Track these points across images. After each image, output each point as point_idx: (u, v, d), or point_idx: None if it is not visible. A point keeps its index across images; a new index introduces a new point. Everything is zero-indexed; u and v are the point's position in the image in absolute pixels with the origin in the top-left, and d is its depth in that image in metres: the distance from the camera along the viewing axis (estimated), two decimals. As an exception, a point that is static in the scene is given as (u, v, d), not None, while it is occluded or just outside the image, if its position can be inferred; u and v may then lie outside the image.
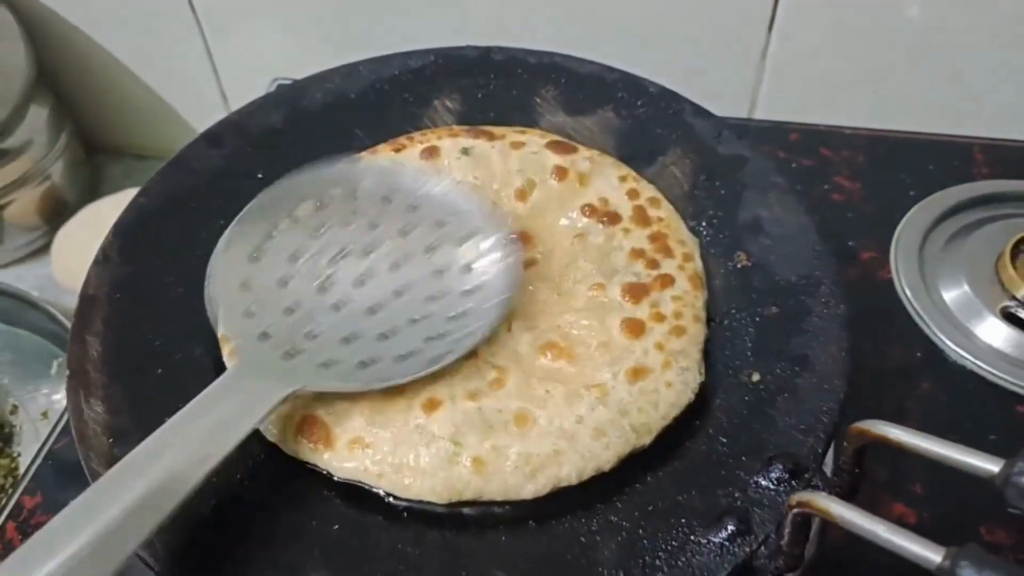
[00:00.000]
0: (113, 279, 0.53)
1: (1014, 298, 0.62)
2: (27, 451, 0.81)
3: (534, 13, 0.81)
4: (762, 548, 0.42)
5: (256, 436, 0.47)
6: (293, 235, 0.52)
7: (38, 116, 0.92)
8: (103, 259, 0.54)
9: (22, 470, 0.77)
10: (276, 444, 0.47)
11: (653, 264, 0.54)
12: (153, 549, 0.42)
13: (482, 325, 0.48)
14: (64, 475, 0.59)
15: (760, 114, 0.81)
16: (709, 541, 0.43)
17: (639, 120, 0.64)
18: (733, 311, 0.53)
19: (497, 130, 0.62)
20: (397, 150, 0.60)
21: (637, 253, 0.54)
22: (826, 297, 0.52)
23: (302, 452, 0.46)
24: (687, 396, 0.48)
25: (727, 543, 0.42)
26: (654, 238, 0.55)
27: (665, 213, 0.57)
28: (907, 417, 0.57)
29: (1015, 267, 0.62)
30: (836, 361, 0.49)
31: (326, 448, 0.45)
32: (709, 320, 0.53)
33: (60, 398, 0.83)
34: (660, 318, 0.51)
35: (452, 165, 0.58)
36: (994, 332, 0.62)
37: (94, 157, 1.05)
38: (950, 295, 0.63)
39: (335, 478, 0.46)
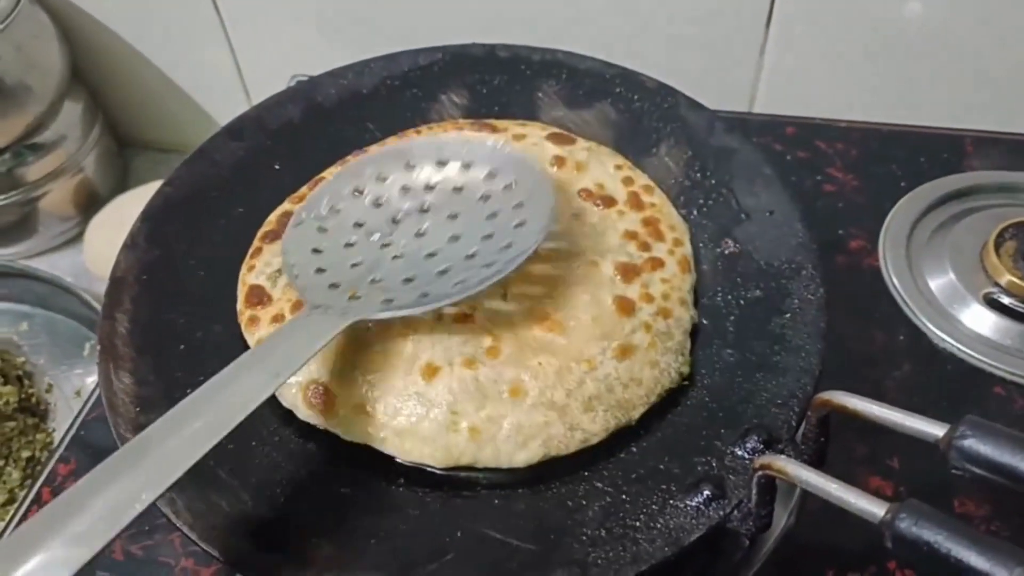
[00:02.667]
0: (140, 262, 0.57)
1: (997, 285, 0.64)
2: (61, 427, 0.85)
3: (539, 11, 0.84)
4: (735, 512, 0.45)
5: (271, 404, 0.51)
6: (356, 207, 0.56)
7: (72, 112, 0.96)
8: (131, 244, 0.57)
9: (56, 444, 0.82)
10: (290, 409, 0.51)
11: (645, 247, 0.56)
12: (175, 506, 0.46)
13: (526, 248, 0.51)
14: (95, 446, 0.64)
15: (759, 108, 0.83)
16: (686, 505, 0.46)
17: (636, 113, 0.66)
18: (719, 294, 0.56)
19: (499, 123, 0.65)
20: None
21: (630, 235, 0.57)
22: (807, 281, 0.54)
23: (312, 417, 0.49)
24: (670, 377, 0.51)
25: (703, 506, 0.45)
26: (647, 222, 0.58)
27: (658, 200, 0.60)
28: (885, 395, 0.59)
29: (999, 255, 0.64)
30: (812, 341, 0.51)
31: (333, 414, 0.49)
32: (696, 302, 0.56)
33: (92, 379, 0.88)
34: (649, 299, 0.53)
35: None
36: (977, 318, 0.64)
37: (124, 150, 1.09)
38: (935, 282, 0.65)
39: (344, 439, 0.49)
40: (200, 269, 0.58)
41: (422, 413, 0.48)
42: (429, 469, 0.49)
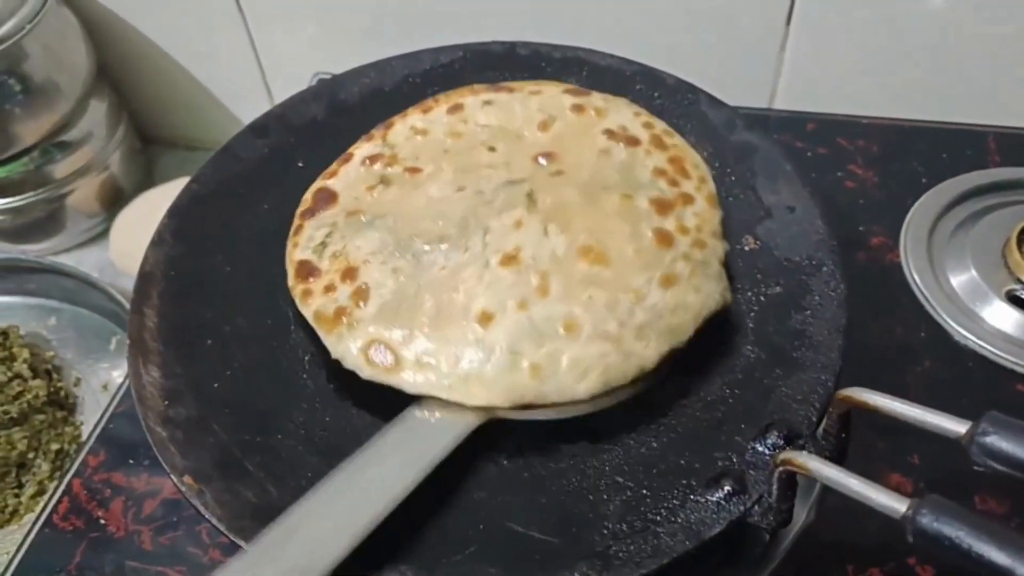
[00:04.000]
0: (167, 258, 0.58)
1: (1020, 281, 0.64)
2: (88, 420, 0.86)
3: (559, 9, 0.84)
4: (756, 507, 0.45)
5: (296, 396, 0.52)
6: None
7: (98, 110, 0.97)
8: (159, 240, 0.58)
9: (84, 437, 0.84)
10: (313, 400, 0.52)
11: (674, 183, 0.57)
12: (204, 498, 0.46)
13: None
14: (122, 439, 0.65)
15: (779, 104, 0.83)
16: (707, 500, 0.46)
17: (656, 110, 0.66)
18: (739, 290, 0.56)
19: (515, 84, 0.66)
20: (425, 111, 0.64)
21: (659, 171, 0.58)
22: (827, 278, 0.55)
23: (378, 375, 0.50)
24: (715, 300, 0.52)
25: (723, 502, 0.46)
26: (672, 160, 0.59)
27: (679, 141, 0.61)
28: (906, 392, 0.59)
29: (1021, 252, 0.64)
30: (833, 337, 0.52)
31: (397, 370, 0.50)
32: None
33: (119, 373, 0.89)
34: (685, 231, 0.54)
35: (476, 115, 0.62)
36: (999, 315, 0.64)
37: (149, 148, 1.10)
38: (957, 279, 0.65)
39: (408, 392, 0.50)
40: (226, 264, 0.59)
41: (483, 358, 0.49)
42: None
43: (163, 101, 1.06)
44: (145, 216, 0.88)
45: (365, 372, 0.51)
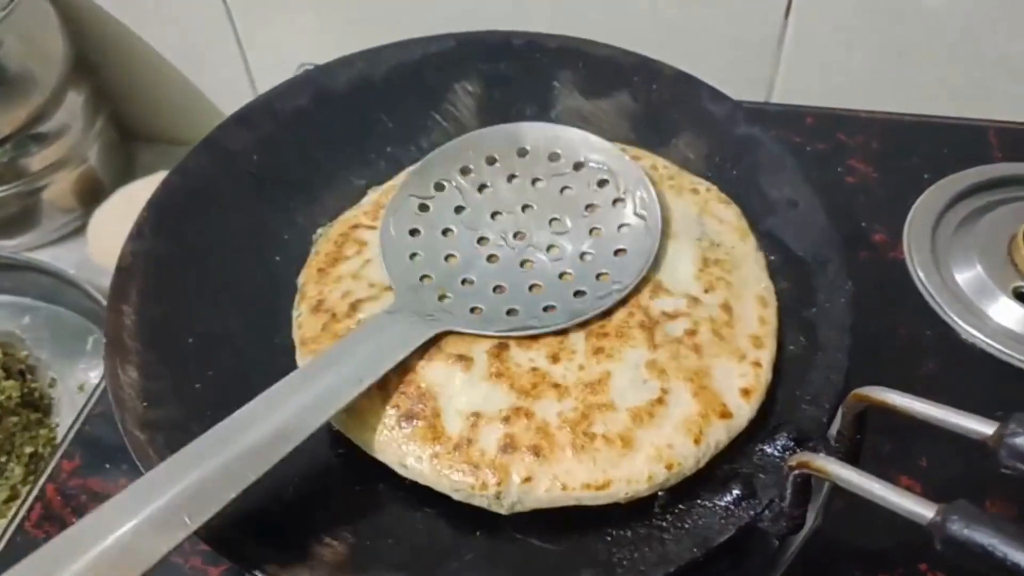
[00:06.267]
0: (147, 253, 0.55)
1: (1026, 278, 0.63)
2: (64, 422, 0.83)
3: (555, -1, 0.83)
4: (766, 511, 0.43)
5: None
6: (461, 189, 0.57)
7: (75, 101, 0.94)
8: (138, 234, 0.56)
9: (59, 439, 0.81)
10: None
11: None
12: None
13: (620, 287, 0.51)
14: (99, 442, 0.62)
15: (777, 98, 0.81)
16: (715, 504, 0.44)
17: (654, 103, 0.65)
18: (743, 288, 0.54)
19: None
20: None
21: None
22: (833, 275, 0.53)
23: None
24: None
25: (732, 506, 0.44)
26: None
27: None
28: (912, 393, 0.58)
29: (1028, 248, 0.63)
30: (841, 335, 0.50)
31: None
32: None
33: (96, 374, 0.86)
34: None
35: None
36: (1006, 312, 0.62)
37: (129, 143, 1.07)
38: (962, 276, 0.64)
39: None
40: (210, 260, 0.56)
41: None
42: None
43: (144, 93, 1.04)
44: (124, 211, 0.85)
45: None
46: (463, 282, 0.52)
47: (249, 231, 0.59)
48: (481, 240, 0.55)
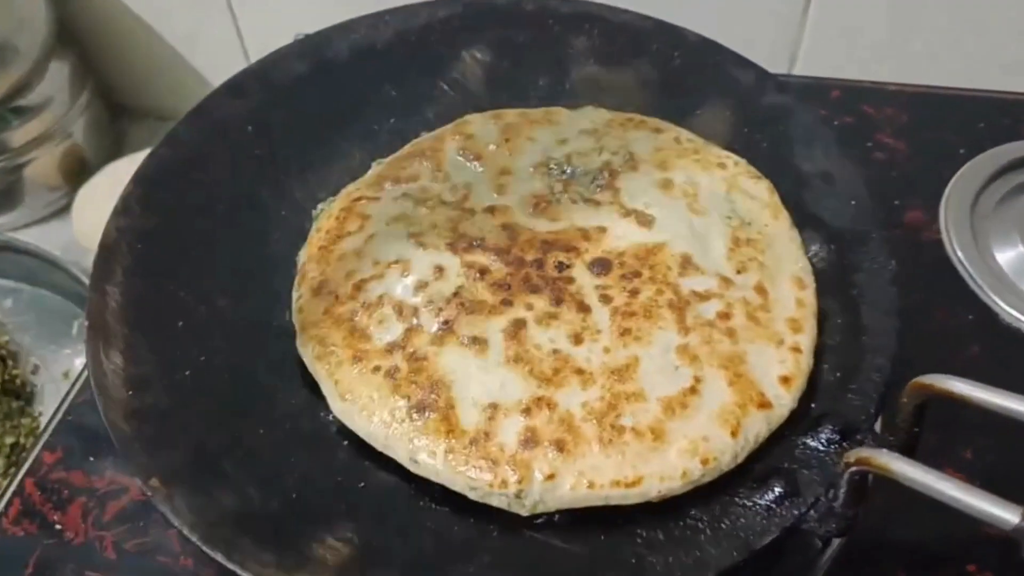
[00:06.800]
0: (134, 229, 0.51)
1: (1072, 258, 0.59)
2: (48, 411, 0.80)
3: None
4: (812, 511, 0.40)
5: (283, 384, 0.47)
6: None
7: (59, 72, 0.90)
8: (123, 209, 0.52)
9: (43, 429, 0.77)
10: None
11: None
12: (173, 504, 0.40)
13: None
14: (83, 432, 0.58)
15: (800, 70, 0.77)
16: (755, 503, 0.41)
17: (676, 71, 0.61)
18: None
19: None
20: None
21: None
22: (874, 252, 0.50)
23: None
24: None
25: (774, 505, 0.40)
26: None
27: None
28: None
29: (1072, 226, 0.59)
30: (886, 318, 0.46)
31: None
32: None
33: (82, 360, 0.82)
34: None
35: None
36: (1050, 295, 0.59)
37: (117, 119, 1.03)
38: (1004, 256, 0.60)
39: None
40: (202, 237, 0.53)
41: None
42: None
43: (133, 66, 0.99)
44: (111, 189, 0.80)
45: None
46: None
47: (244, 206, 0.55)
48: None
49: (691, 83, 0.61)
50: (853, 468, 0.35)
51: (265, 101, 0.59)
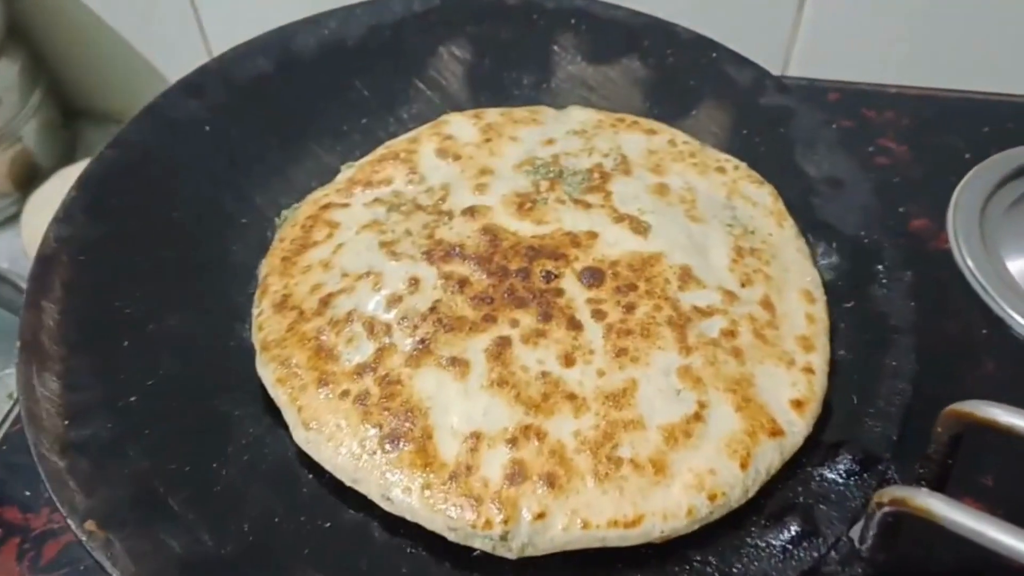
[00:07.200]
0: (77, 239, 0.47)
1: (1088, 268, 0.56)
2: (-7, 436, 0.74)
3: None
4: (832, 552, 0.36)
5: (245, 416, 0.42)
6: None
7: (8, 71, 0.85)
8: (65, 217, 0.47)
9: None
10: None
11: None
12: (111, 550, 0.35)
13: None
14: (18, 464, 0.53)
15: (794, 71, 0.74)
16: (768, 544, 0.37)
17: (669, 70, 0.58)
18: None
19: None
20: None
21: None
22: (889, 263, 0.46)
23: None
24: None
25: (790, 546, 0.36)
26: None
27: None
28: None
29: (1088, 234, 0.56)
30: (905, 335, 0.43)
31: None
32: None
33: (30, 379, 0.77)
34: None
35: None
36: (1065, 306, 0.55)
37: (72, 122, 0.98)
38: (1016, 266, 0.56)
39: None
40: (153, 248, 0.48)
41: None
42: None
43: (87, 65, 0.94)
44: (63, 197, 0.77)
45: None
46: None
47: (199, 214, 0.50)
48: None
49: (685, 83, 0.57)
50: (886, 509, 0.31)
51: (225, 100, 0.55)
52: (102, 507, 0.37)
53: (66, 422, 0.40)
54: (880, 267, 0.46)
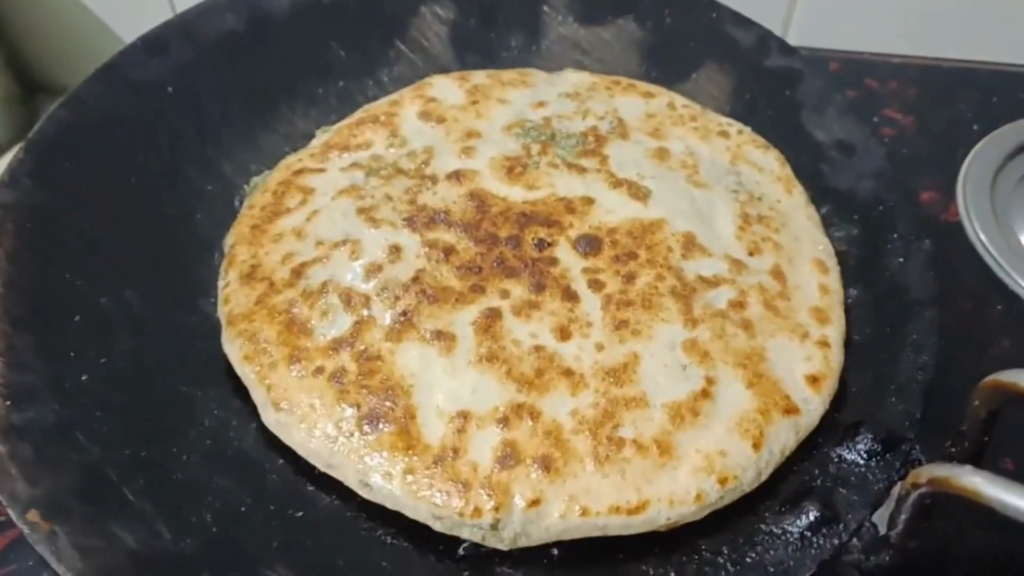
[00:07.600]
0: (22, 205, 0.43)
1: (1105, 240, 0.53)
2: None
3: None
4: (855, 539, 0.32)
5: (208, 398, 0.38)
6: None
7: (-38, 42, 0.81)
8: (10, 181, 0.43)
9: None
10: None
11: None
12: (56, 544, 0.32)
13: None
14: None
15: (793, 39, 0.71)
16: (784, 531, 0.34)
17: (667, 31, 0.55)
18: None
19: None
20: None
21: None
22: (905, 232, 0.43)
23: None
24: None
25: (809, 533, 0.33)
26: None
27: None
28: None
29: (1105, 206, 0.53)
30: (925, 308, 0.40)
31: None
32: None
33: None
34: None
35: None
36: (1083, 279, 0.52)
37: (33, 97, 0.94)
38: (1031, 238, 0.54)
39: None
40: (107, 216, 0.44)
41: None
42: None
43: (49, 39, 0.90)
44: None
45: None
46: None
47: (160, 180, 0.47)
48: None
49: (684, 44, 0.55)
50: (922, 490, 0.28)
51: (190, 59, 0.51)
52: (46, 496, 0.33)
53: (8, 403, 0.36)
54: (895, 236, 0.43)
